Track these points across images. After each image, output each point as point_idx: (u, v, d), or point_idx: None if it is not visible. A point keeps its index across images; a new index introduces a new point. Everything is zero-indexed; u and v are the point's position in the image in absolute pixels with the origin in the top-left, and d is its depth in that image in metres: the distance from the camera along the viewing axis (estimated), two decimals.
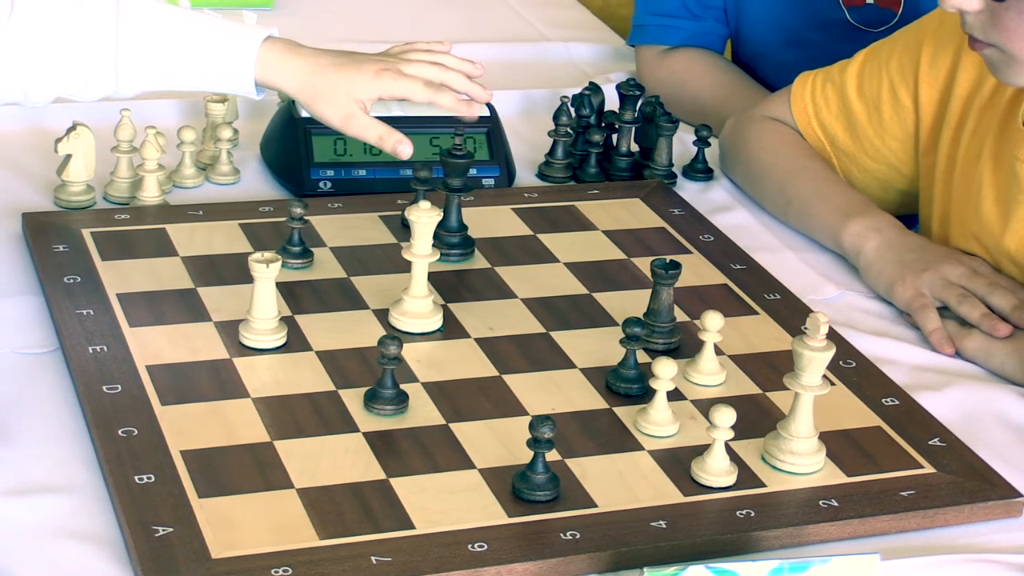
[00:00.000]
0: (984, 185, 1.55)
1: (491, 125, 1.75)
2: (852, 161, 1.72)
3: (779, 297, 1.55)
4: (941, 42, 1.63)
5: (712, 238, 1.65)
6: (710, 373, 1.39)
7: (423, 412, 1.31)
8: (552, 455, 1.23)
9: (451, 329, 1.44)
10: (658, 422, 1.31)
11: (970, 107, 1.60)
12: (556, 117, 1.78)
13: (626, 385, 1.36)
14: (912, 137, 1.67)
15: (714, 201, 1.78)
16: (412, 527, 1.17)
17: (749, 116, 1.80)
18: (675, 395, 1.33)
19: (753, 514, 1.22)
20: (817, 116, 1.74)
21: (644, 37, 2.05)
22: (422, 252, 1.42)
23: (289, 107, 1.72)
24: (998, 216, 1.54)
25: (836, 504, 1.24)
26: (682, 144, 1.85)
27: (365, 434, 1.27)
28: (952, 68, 1.62)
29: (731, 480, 1.25)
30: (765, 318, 1.51)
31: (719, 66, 2.01)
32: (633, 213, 1.69)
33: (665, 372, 1.29)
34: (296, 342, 1.39)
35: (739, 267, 1.60)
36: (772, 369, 1.41)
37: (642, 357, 1.38)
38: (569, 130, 1.79)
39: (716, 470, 1.25)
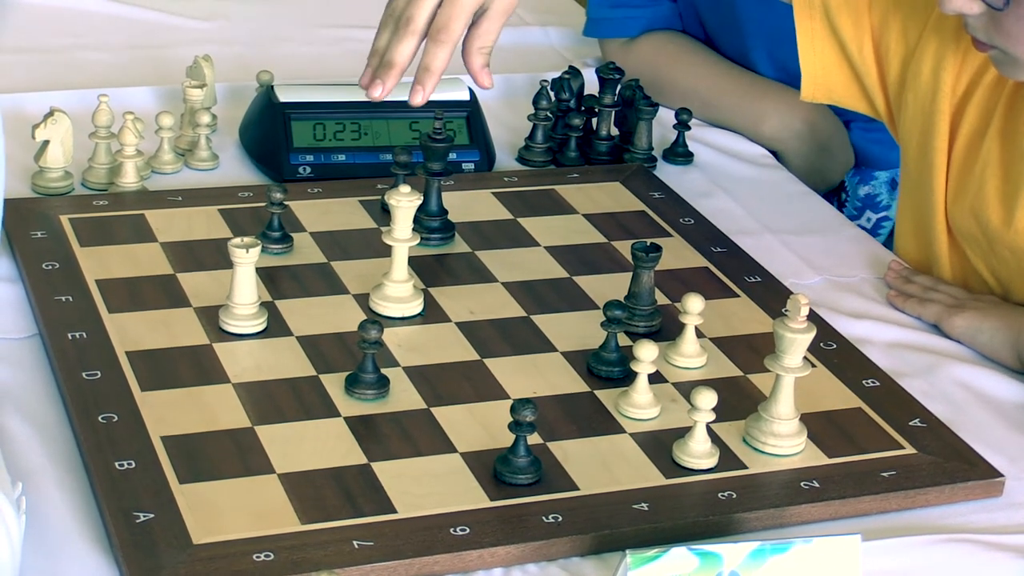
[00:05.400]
0: (991, 163, 1.53)
1: (471, 109, 1.75)
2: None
3: (760, 280, 1.54)
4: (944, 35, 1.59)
5: (692, 221, 1.65)
6: (691, 356, 1.39)
7: (404, 396, 1.31)
8: (534, 438, 1.23)
9: (432, 313, 1.44)
10: (639, 405, 1.30)
11: (977, 83, 1.57)
12: (536, 101, 1.78)
13: (607, 368, 1.36)
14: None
15: (694, 184, 1.77)
16: (394, 511, 1.16)
17: None
18: (656, 378, 1.34)
19: (735, 496, 1.22)
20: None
21: (604, 31, 2.02)
22: (402, 236, 1.42)
23: (268, 92, 1.72)
24: (1004, 196, 1.52)
25: (817, 485, 1.24)
26: (662, 128, 1.85)
27: (346, 419, 1.27)
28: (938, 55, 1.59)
29: (713, 462, 1.25)
30: (746, 301, 1.51)
31: (690, 48, 1.98)
32: (613, 197, 1.69)
33: (646, 355, 1.29)
34: (276, 327, 1.39)
35: (720, 250, 1.60)
36: (753, 351, 1.41)
37: (623, 340, 1.38)
38: (549, 114, 1.78)
39: (698, 452, 1.25)
